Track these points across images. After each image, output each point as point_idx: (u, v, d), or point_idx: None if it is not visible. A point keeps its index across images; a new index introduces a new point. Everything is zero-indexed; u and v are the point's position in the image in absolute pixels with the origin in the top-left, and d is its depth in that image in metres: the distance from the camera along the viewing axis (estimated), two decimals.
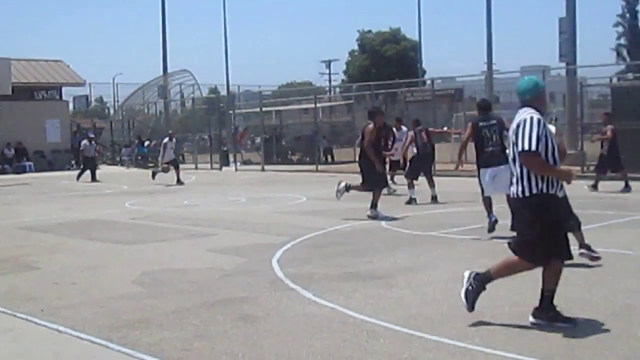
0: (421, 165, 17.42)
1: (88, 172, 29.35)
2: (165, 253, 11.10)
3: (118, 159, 45.59)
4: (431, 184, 17.08)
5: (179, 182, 25.82)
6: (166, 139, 27.09)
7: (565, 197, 7.55)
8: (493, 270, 6.62)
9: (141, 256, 10.92)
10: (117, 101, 54.25)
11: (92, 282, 9.07)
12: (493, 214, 11.34)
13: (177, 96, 49.24)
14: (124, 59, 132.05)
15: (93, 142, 31.04)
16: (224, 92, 55.20)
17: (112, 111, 56.67)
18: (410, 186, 16.81)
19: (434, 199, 16.80)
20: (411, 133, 17.96)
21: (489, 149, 11.29)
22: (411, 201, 16.55)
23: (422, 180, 17.47)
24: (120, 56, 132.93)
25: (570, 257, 6.43)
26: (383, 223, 13.51)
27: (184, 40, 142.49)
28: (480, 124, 11.50)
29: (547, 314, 6.34)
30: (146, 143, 42.95)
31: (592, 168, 22.62)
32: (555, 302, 6.38)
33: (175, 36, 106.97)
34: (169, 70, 46.95)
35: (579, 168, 22.72)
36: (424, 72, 61.51)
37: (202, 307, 7.53)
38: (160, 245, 11.88)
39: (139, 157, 42.48)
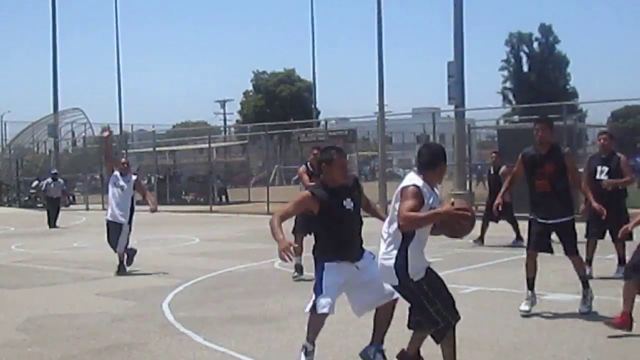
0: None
1: None
2: (52, 298, 10.78)
3: (5, 199, 44.12)
4: None
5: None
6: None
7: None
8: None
9: (26, 301, 10.57)
10: (5, 140, 52.74)
11: None
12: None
13: (68, 135, 48.20)
14: (12, 96, 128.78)
15: None
16: (116, 131, 54.37)
17: None
18: None
19: None
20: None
21: None
22: None
23: None
24: (9, 93, 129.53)
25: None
26: (276, 264, 13.49)
27: (75, 78, 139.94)
28: None
29: None
30: (34, 183, 41.70)
31: (480, 208, 23.29)
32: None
33: (66, 73, 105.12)
34: (60, 108, 45.86)
35: None
36: (318, 112, 62.28)
37: (89, 354, 7.34)
38: (47, 290, 11.53)
39: (27, 198, 41.19)
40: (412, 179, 5.73)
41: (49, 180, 27.18)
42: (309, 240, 8.51)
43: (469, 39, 31.16)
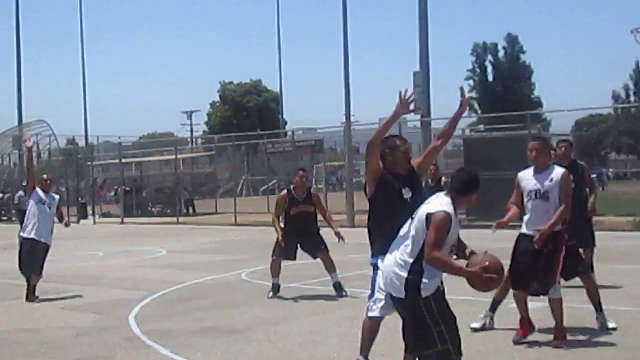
0: None
1: None
2: (16, 312, 10.64)
3: None
4: None
5: None
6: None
7: None
8: None
9: None
10: None
11: None
12: None
13: (33, 147, 47.70)
14: None
15: None
16: (82, 143, 53.95)
17: None
18: None
19: None
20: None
21: None
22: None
23: None
24: None
25: None
26: (244, 275, 13.46)
27: (41, 90, 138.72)
28: None
29: None
30: None
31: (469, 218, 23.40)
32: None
33: (31, 85, 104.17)
34: (25, 120, 45.46)
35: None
36: (286, 123, 62.30)
37: None
38: (11, 304, 11.37)
39: None
40: (444, 203, 5.47)
41: (22, 193, 25.16)
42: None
43: (435, 49, 31.29)
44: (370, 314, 6.05)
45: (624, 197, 28.21)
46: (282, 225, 10.94)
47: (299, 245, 11.07)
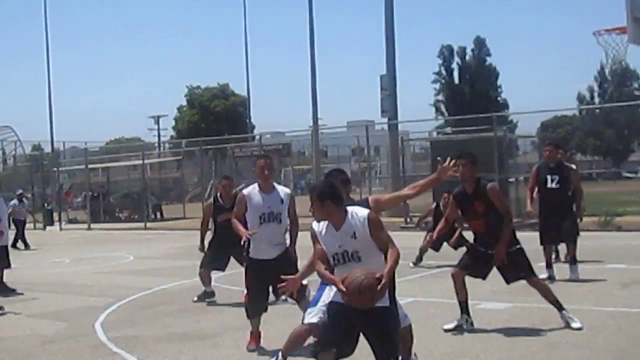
0: None
1: None
2: None
3: None
4: None
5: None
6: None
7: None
8: None
9: None
10: None
11: None
12: None
13: None
14: None
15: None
16: (48, 149, 53.46)
17: None
18: None
19: None
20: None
21: None
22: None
23: None
24: None
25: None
26: (212, 281, 13.37)
27: (5, 95, 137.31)
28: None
29: None
30: None
31: (415, 220, 23.48)
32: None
33: None
34: None
35: (402, 219, 23.55)
36: (253, 127, 62.01)
37: None
38: None
39: None
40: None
41: (15, 202, 24.87)
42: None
43: (402, 52, 31.53)
44: (311, 321, 6.25)
45: (589, 198, 28.42)
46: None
47: (230, 256, 10.97)
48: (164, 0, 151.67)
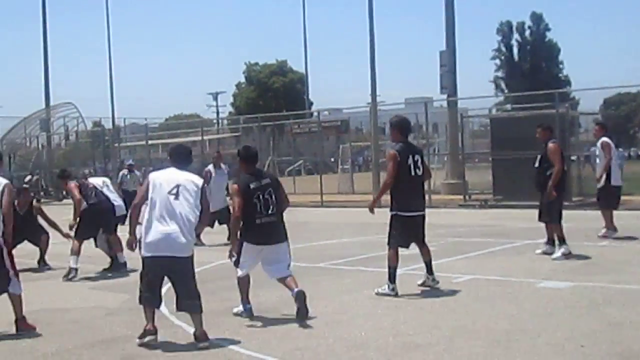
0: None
1: None
2: (46, 292, 10.75)
3: None
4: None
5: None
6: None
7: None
8: None
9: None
10: None
11: None
12: None
13: (60, 129, 48.03)
14: (4, 91, 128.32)
15: None
16: (109, 125, 54.28)
17: None
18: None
19: None
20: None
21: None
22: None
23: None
24: (0, 89, 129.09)
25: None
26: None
27: (67, 72, 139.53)
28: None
29: None
30: (27, 178, 41.55)
31: (473, 197, 23.31)
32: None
33: (58, 67, 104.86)
34: (52, 102, 45.67)
35: (461, 197, 23.37)
36: (311, 103, 62.12)
37: (84, 348, 7.34)
38: (41, 284, 11.50)
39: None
40: None
41: (125, 172, 24.22)
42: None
43: (461, 28, 31.12)
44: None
45: None
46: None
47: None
48: None
